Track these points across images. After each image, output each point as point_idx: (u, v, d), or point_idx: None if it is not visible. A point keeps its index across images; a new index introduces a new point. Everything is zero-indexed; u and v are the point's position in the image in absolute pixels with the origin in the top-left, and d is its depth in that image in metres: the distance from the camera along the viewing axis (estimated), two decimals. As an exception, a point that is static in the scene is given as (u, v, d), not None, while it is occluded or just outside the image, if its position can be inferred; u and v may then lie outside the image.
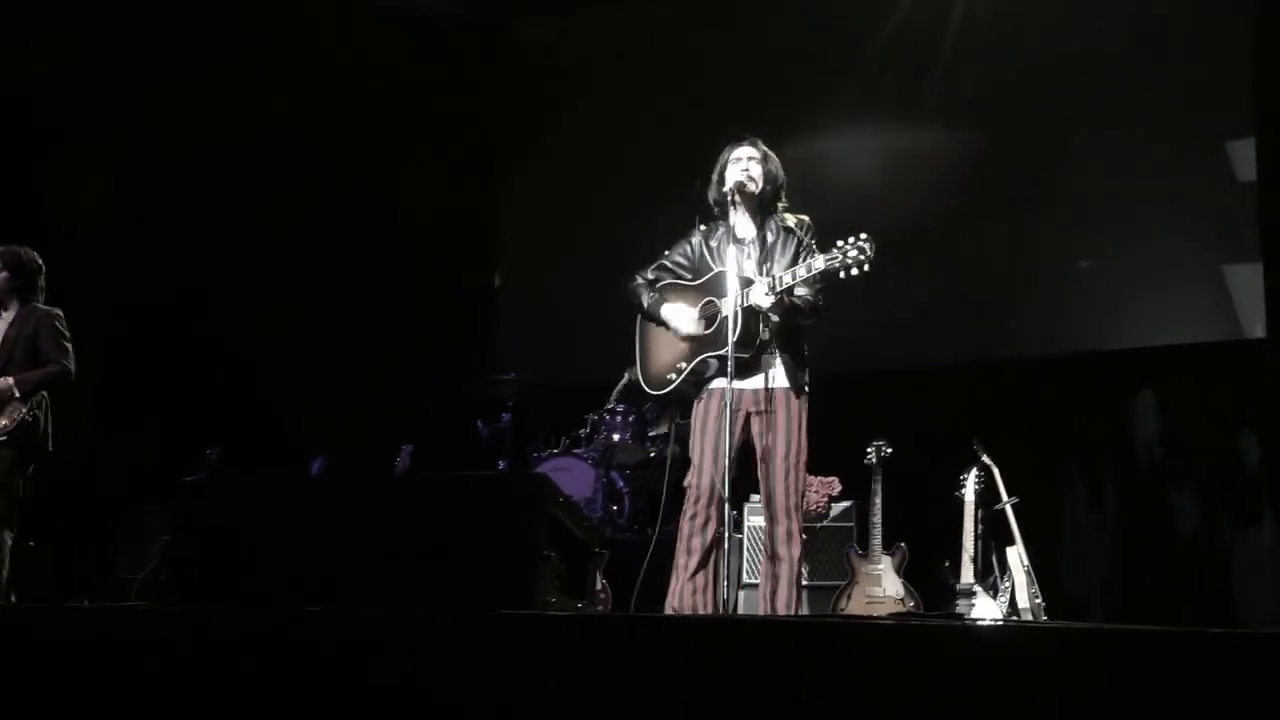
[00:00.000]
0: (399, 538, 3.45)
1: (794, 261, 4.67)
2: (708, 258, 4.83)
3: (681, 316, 4.79)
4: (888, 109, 8.18)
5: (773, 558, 4.59)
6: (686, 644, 2.89)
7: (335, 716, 2.97)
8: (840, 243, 4.39)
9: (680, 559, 4.60)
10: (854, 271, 4.36)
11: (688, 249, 4.92)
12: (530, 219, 9.35)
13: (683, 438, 6.99)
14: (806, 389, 4.67)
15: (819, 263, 4.41)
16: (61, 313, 6.00)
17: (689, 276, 4.88)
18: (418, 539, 3.44)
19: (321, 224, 8.77)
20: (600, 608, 5.61)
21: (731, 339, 4.41)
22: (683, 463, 6.74)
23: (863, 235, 4.36)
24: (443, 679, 2.95)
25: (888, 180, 7.98)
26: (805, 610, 4.66)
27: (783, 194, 4.88)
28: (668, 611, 4.55)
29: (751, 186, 4.74)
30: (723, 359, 4.49)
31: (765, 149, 4.86)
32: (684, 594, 4.54)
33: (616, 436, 7.18)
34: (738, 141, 4.88)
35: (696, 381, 4.74)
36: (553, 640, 2.99)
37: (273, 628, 3.15)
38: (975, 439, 6.22)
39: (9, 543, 5.69)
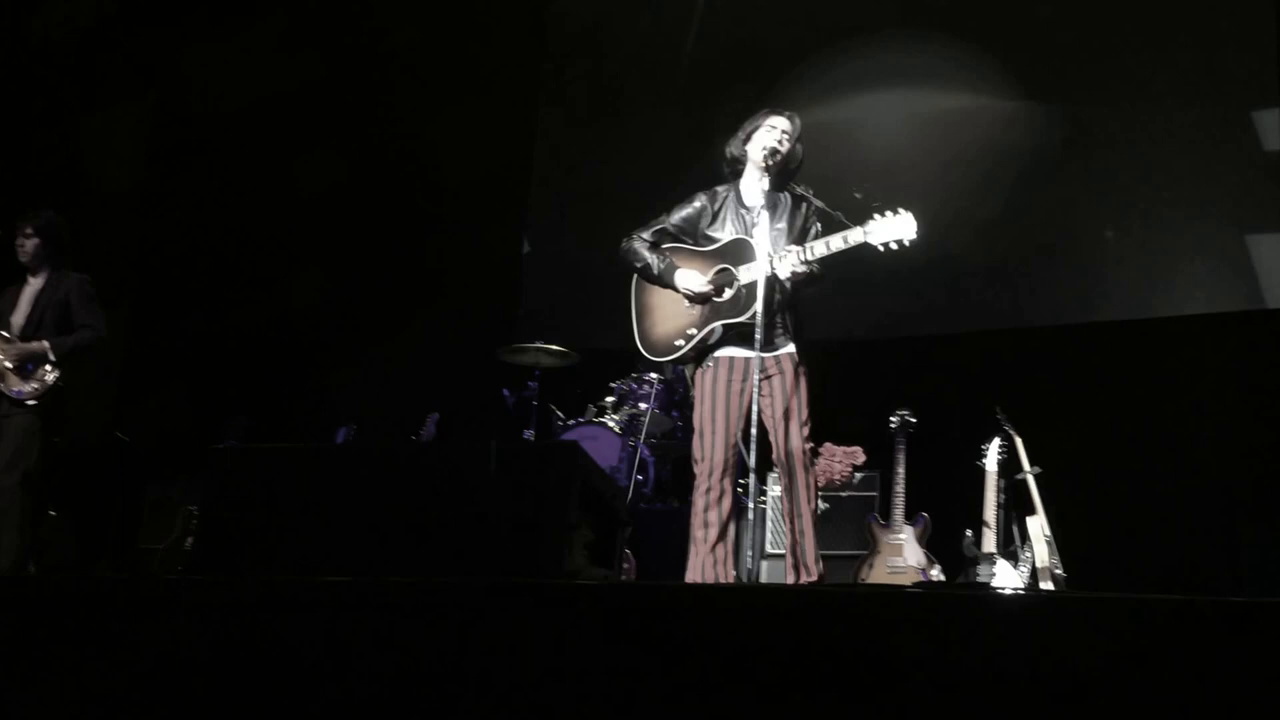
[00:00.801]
0: (431, 506, 3.48)
1: (804, 225, 4.69)
2: (710, 222, 4.77)
3: (693, 282, 4.70)
4: (913, 76, 8.14)
5: (795, 516, 4.55)
6: (714, 613, 2.92)
7: (364, 683, 3.01)
8: (878, 215, 4.37)
9: (697, 533, 4.55)
10: (893, 245, 4.35)
11: (690, 211, 4.84)
12: (558, 185, 9.34)
13: (687, 402, 7.05)
14: (808, 355, 4.66)
15: (857, 235, 4.39)
16: (88, 278, 6.02)
17: (689, 241, 4.83)
18: (450, 507, 3.47)
19: (349, 190, 8.79)
20: (624, 578, 5.63)
21: (760, 308, 4.38)
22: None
23: (901, 209, 4.35)
24: (472, 646, 2.98)
25: (912, 147, 7.95)
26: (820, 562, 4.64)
27: (798, 171, 4.83)
28: None
29: (780, 156, 4.69)
30: (736, 326, 4.52)
31: (799, 124, 4.79)
32: (704, 567, 4.50)
33: (643, 406, 7.18)
34: (776, 110, 4.81)
35: (701, 350, 4.70)
36: (582, 608, 3.01)
37: (302, 596, 3.19)
38: (998, 409, 6.21)
39: (27, 510, 5.73)
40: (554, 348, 7.49)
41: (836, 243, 4.45)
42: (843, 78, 8.20)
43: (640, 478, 7.12)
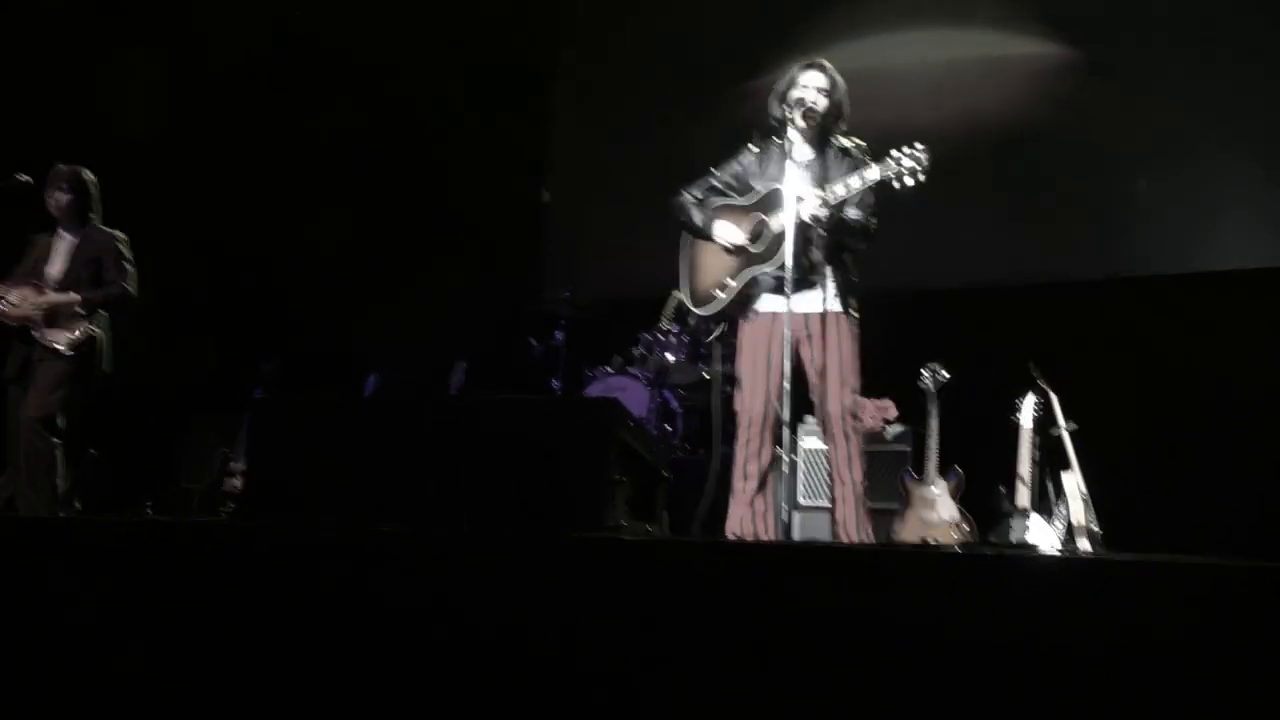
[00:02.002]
0: (471, 459, 3.48)
1: (847, 177, 4.62)
2: (757, 178, 4.77)
3: (730, 232, 4.74)
4: (943, 21, 8.03)
5: (836, 481, 4.62)
6: (754, 569, 2.91)
7: (403, 632, 3.02)
8: (894, 151, 4.36)
9: (737, 484, 4.63)
10: (908, 181, 4.33)
11: (738, 168, 4.86)
12: (578, 133, 9.30)
13: (730, 356, 7.03)
14: (855, 312, 4.65)
15: (873, 173, 4.39)
16: (125, 237, 6.09)
17: (737, 197, 4.82)
18: (489, 461, 3.47)
19: (371, 136, 8.78)
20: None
21: (790, 253, 4.36)
22: (730, 382, 6.81)
23: (917, 145, 4.32)
24: (513, 599, 2.98)
25: (944, 95, 7.85)
26: (870, 531, 4.65)
27: (843, 120, 4.80)
28: (728, 536, 4.58)
29: (816, 112, 4.68)
30: (773, 277, 4.51)
31: (835, 76, 4.77)
32: (744, 519, 4.58)
33: (670, 356, 7.17)
34: (808, 65, 4.79)
35: (743, 302, 4.70)
36: (622, 563, 3.01)
37: (347, 543, 3.19)
38: (1032, 364, 6.18)
39: (61, 451, 5.81)
40: (579, 297, 7.48)
41: (855, 182, 4.46)
42: (869, 21, 8.11)
43: (669, 428, 7.13)
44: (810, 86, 4.72)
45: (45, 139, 6.76)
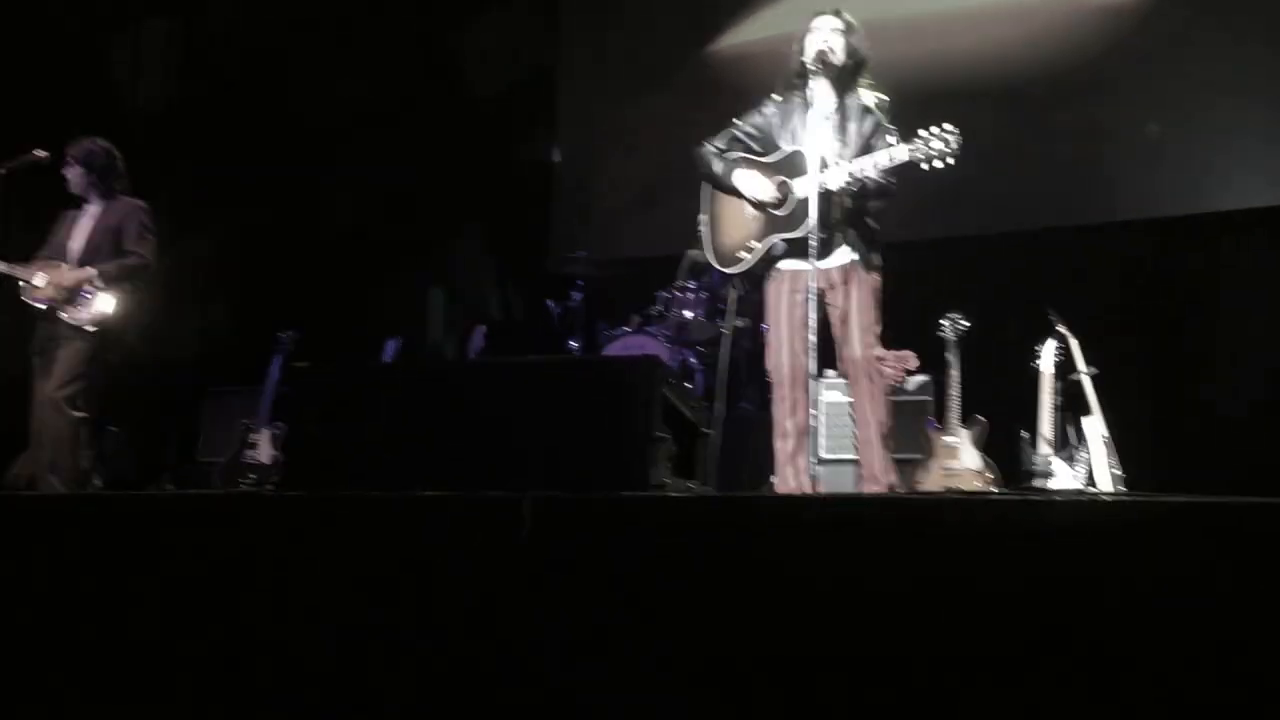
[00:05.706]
0: (514, 421, 3.50)
1: (869, 139, 4.62)
2: (780, 132, 4.75)
3: (754, 183, 4.70)
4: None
5: (859, 424, 4.65)
6: (806, 522, 2.93)
7: (451, 593, 3.03)
8: (922, 132, 4.33)
9: (778, 443, 4.65)
10: (936, 164, 4.32)
11: (760, 119, 4.83)
12: (588, 92, 9.26)
13: (746, 312, 7.03)
14: (876, 265, 4.67)
15: (901, 153, 4.37)
16: (147, 206, 6.03)
17: (759, 149, 4.81)
18: (532, 422, 3.49)
19: (382, 102, 8.76)
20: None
21: (813, 222, 4.37)
22: (748, 335, 6.82)
23: (946, 126, 4.31)
24: (560, 559, 3.00)
25: (958, 42, 7.80)
26: (894, 473, 4.68)
27: (865, 71, 4.76)
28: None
29: (832, 58, 4.63)
30: (796, 241, 4.49)
31: (849, 21, 4.74)
32: (788, 478, 4.61)
33: (689, 314, 7.15)
34: (821, 11, 4.76)
35: (767, 260, 4.72)
36: (668, 521, 3.03)
37: (390, 511, 3.20)
38: (1051, 309, 6.20)
39: (83, 428, 5.79)
40: (596, 257, 7.47)
41: (882, 160, 4.44)
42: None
43: (689, 386, 7.13)
44: (823, 29, 4.69)
45: (62, 110, 6.72)
